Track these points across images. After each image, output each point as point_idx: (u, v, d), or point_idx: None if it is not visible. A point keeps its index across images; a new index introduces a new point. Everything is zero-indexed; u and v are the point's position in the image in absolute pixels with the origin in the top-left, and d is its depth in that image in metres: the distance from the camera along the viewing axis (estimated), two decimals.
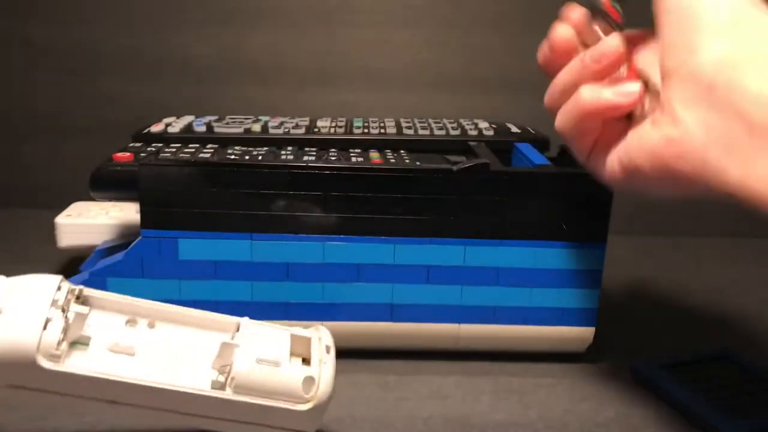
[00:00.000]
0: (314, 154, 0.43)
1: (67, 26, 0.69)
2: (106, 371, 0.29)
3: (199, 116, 0.53)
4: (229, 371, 0.30)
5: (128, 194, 0.41)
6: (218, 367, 0.31)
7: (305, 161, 0.41)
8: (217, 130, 0.48)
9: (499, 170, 0.41)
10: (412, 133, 0.49)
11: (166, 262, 0.41)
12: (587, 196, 0.41)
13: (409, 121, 0.53)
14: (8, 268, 0.34)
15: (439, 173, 0.41)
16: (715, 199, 0.30)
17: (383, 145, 0.47)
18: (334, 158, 0.42)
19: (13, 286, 0.29)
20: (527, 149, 0.47)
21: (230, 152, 0.43)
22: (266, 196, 0.40)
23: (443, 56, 0.71)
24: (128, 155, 0.43)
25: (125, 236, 0.49)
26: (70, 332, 0.29)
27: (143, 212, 0.40)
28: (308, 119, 0.52)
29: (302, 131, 0.48)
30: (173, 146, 0.45)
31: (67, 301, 0.30)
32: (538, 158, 0.44)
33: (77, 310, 0.30)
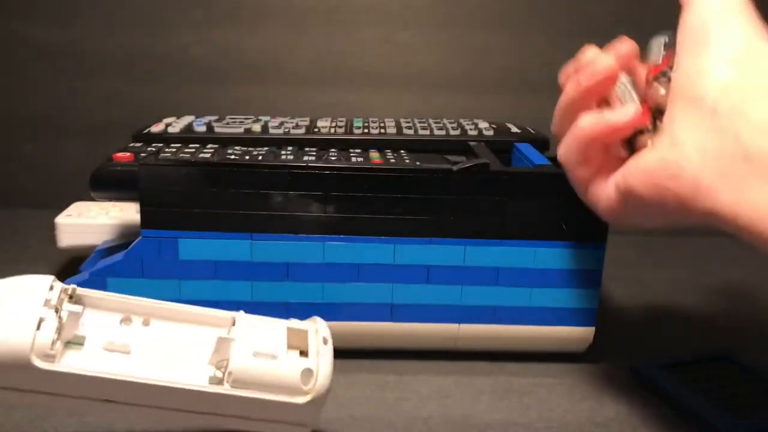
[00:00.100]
0: (314, 154, 0.43)
1: (67, 26, 0.69)
2: (101, 370, 0.29)
3: (199, 116, 0.53)
4: (226, 366, 0.30)
5: (128, 194, 0.41)
6: (215, 362, 0.31)
7: (305, 161, 0.41)
8: (217, 130, 0.48)
9: (499, 170, 0.41)
10: (412, 133, 0.49)
11: (166, 262, 0.41)
12: None
13: (409, 121, 0.53)
14: (8, 268, 0.34)
15: (439, 173, 0.41)
16: (706, 226, 0.30)
17: (383, 145, 0.47)
18: (334, 158, 0.42)
19: (4, 287, 0.29)
20: (527, 149, 0.47)
21: (230, 152, 0.43)
22: (266, 196, 0.40)
23: (443, 56, 0.71)
24: (128, 155, 0.43)
25: (125, 236, 0.49)
26: (64, 332, 0.29)
27: (143, 212, 0.40)
28: (308, 119, 0.52)
29: (302, 131, 0.48)
30: (173, 146, 0.45)
31: (60, 300, 0.30)
32: (538, 158, 0.44)
33: (70, 309, 0.30)
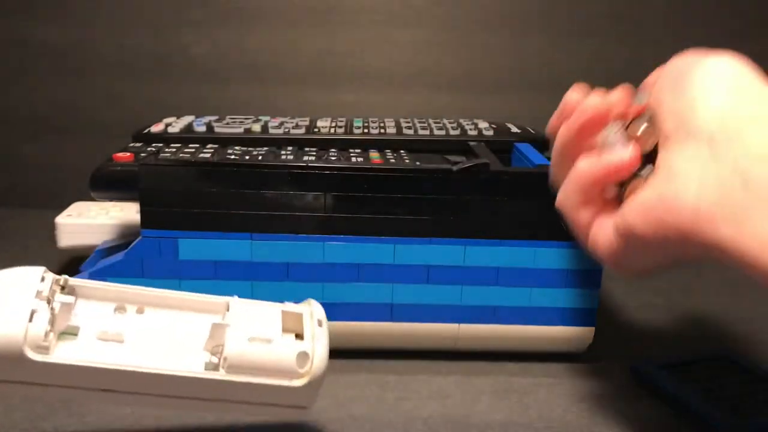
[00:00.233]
0: (314, 154, 0.43)
1: (67, 26, 0.69)
2: (96, 360, 0.29)
3: (199, 116, 0.53)
4: (221, 352, 0.30)
5: (128, 194, 0.41)
6: (210, 348, 0.31)
7: (305, 161, 0.41)
8: (217, 130, 0.48)
9: (499, 170, 0.41)
10: (412, 133, 0.49)
11: (166, 262, 0.41)
12: None
13: (409, 121, 0.53)
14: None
15: (439, 173, 0.41)
16: (708, 260, 0.29)
17: (383, 145, 0.47)
18: (334, 158, 0.42)
19: None
20: (527, 149, 0.47)
21: (230, 152, 0.43)
22: (266, 196, 0.40)
23: (443, 56, 0.71)
24: (128, 155, 0.43)
25: (125, 236, 0.49)
26: (57, 323, 0.29)
27: (143, 212, 0.40)
28: (308, 119, 0.52)
29: (302, 131, 0.48)
30: (173, 146, 0.45)
31: (52, 291, 0.30)
32: (538, 158, 0.44)
33: (63, 299, 0.30)
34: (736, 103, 0.28)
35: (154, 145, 0.46)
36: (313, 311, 0.33)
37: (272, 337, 0.30)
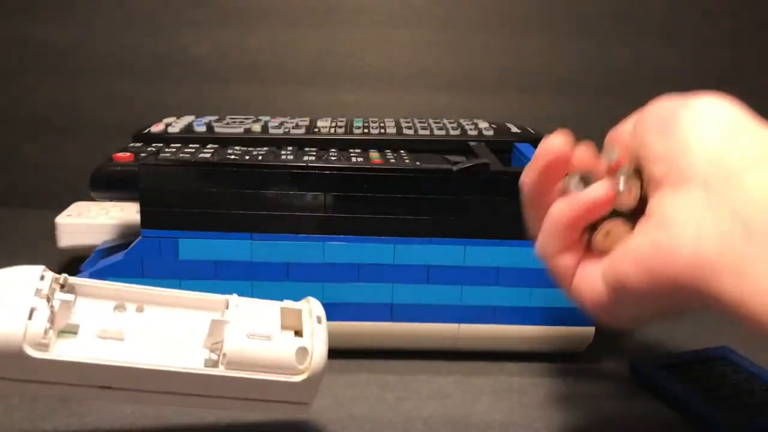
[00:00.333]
0: (314, 154, 0.43)
1: (67, 26, 0.69)
2: (95, 357, 0.29)
3: (199, 116, 0.53)
4: (220, 348, 0.30)
5: (128, 194, 0.41)
6: (210, 345, 0.31)
7: (305, 161, 0.41)
8: (217, 130, 0.48)
9: (499, 170, 0.41)
10: (412, 133, 0.49)
11: (166, 262, 0.41)
12: None
13: (409, 121, 0.53)
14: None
15: (439, 173, 0.41)
16: (707, 310, 0.27)
17: (383, 145, 0.47)
18: (334, 158, 0.42)
19: None
20: (527, 149, 0.47)
21: (230, 152, 0.43)
22: (266, 196, 0.40)
23: (443, 56, 0.71)
24: (128, 155, 0.43)
25: (125, 236, 0.49)
26: (56, 320, 0.29)
27: (143, 212, 0.40)
28: (308, 119, 0.52)
29: (302, 131, 0.48)
30: (173, 146, 0.45)
31: (51, 290, 0.30)
32: None
33: (62, 297, 0.30)
34: (730, 145, 0.26)
35: (154, 145, 0.46)
36: (312, 308, 0.33)
37: (271, 333, 0.30)
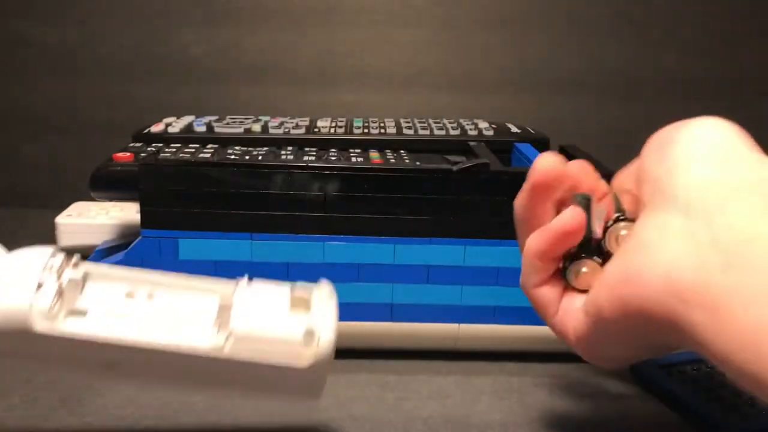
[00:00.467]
0: (314, 154, 0.43)
1: (67, 26, 0.70)
2: (103, 334, 0.28)
3: (199, 116, 0.53)
4: (228, 330, 0.29)
5: (128, 194, 0.41)
6: (217, 327, 0.30)
7: (305, 161, 0.41)
8: (217, 130, 0.48)
9: (499, 170, 0.41)
10: (412, 133, 0.49)
11: (166, 262, 0.41)
12: None
13: (409, 121, 0.53)
14: None
15: (439, 173, 0.41)
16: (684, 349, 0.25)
17: (383, 145, 0.47)
18: (334, 158, 0.42)
19: (7, 258, 0.29)
20: (527, 149, 0.47)
21: (230, 152, 0.43)
22: (266, 196, 0.40)
23: (443, 56, 0.71)
24: (128, 155, 0.43)
25: (125, 236, 0.49)
26: (65, 298, 0.29)
27: (143, 212, 0.40)
28: (308, 119, 0.53)
29: (302, 131, 0.48)
30: (173, 146, 0.45)
31: (61, 268, 0.29)
32: None
33: (72, 275, 0.29)
34: (719, 171, 0.25)
35: (154, 145, 0.46)
36: (322, 292, 0.32)
37: (279, 314, 0.30)
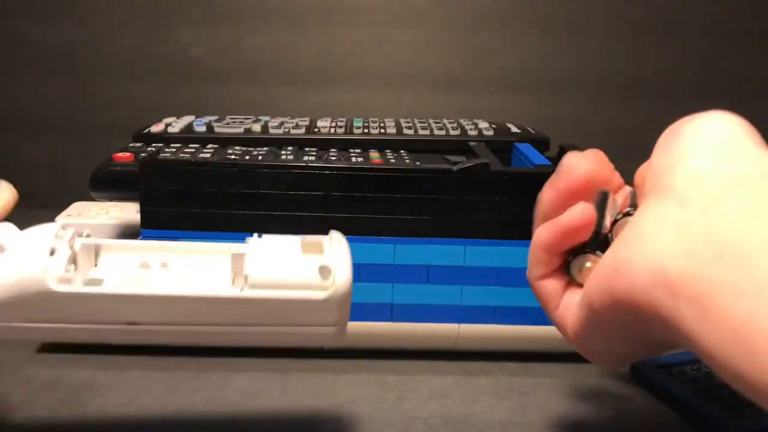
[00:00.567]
0: (314, 154, 0.43)
1: (67, 26, 0.70)
2: (121, 290, 0.28)
3: (199, 116, 0.53)
4: (244, 275, 0.29)
5: (128, 194, 0.41)
6: (232, 276, 0.30)
7: (305, 161, 0.41)
8: (217, 130, 0.48)
9: (499, 170, 0.41)
10: (412, 133, 0.49)
11: None
12: None
13: (409, 121, 0.53)
14: None
15: (439, 173, 0.41)
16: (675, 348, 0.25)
17: (383, 145, 0.47)
18: (334, 158, 0.42)
19: (18, 232, 0.30)
20: (527, 149, 0.47)
21: (230, 152, 0.43)
22: (266, 196, 0.40)
23: (443, 56, 0.71)
24: (128, 155, 0.43)
25: (125, 236, 0.49)
26: (80, 264, 0.29)
27: (143, 212, 0.40)
28: (308, 119, 0.52)
29: (302, 131, 0.48)
30: (173, 146, 0.45)
31: (72, 238, 0.29)
32: (538, 158, 0.44)
33: (84, 241, 0.29)
34: (721, 164, 0.25)
35: (154, 145, 0.46)
36: (333, 238, 0.32)
37: (292, 257, 0.30)
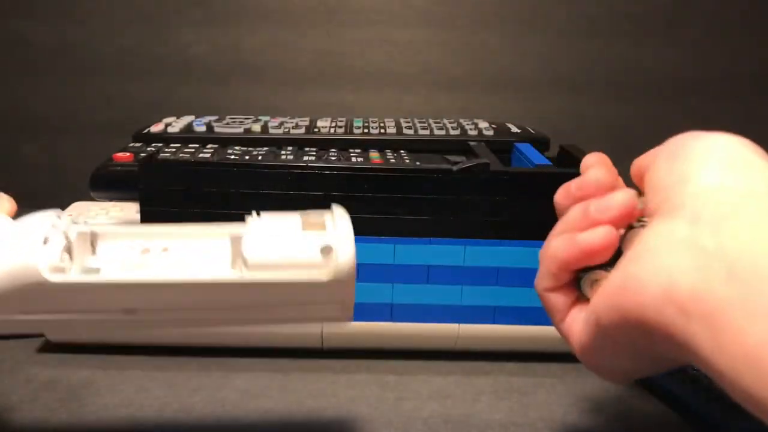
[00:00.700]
0: (314, 154, 0.43)
1: (67, 26, 0.69)
2: (118, 277, 0.27)
3: (199, 116, 0.53)
4: (242, 257, 0.28)
5: (128, 194, 0.41)
6: (231, 258, 0.29)
7: (305, 161, 0.41)
8: (217, 130, 0.48)
9: (499, 170, 0.41)
10: (412, 133, 0.49)
11: None
12: None
13: (409, 121, 0.53)
14: None
15: (439, 173, 0.41)
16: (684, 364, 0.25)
17: (383, 145, 0.47)
18: (334, 158, 0.42)
19: (12, 222, 0.29)
20: (527, 149, 0.47)
21: (230, 152, 0.43)
22: (266, 196, 0.40)
23: (443, 56, 0.71)
24: (128, 155, 0.43)
25: None
26: (75, 252, 0.28)
27: (143, 212, 0.40)
28: (308, 119, 0.52)
29: (302, 131, 0.48)
30: (173, 146, 0.45)
31: (68, 226, 0.29)
32: (538, 158, 0.44)
33: (79, 229, 0.28)
34: (731, 182, 0.25)
35: (154, 145, 0.46)
36: (335, 213, 0.30)
37: (292, 236, 0.29)
